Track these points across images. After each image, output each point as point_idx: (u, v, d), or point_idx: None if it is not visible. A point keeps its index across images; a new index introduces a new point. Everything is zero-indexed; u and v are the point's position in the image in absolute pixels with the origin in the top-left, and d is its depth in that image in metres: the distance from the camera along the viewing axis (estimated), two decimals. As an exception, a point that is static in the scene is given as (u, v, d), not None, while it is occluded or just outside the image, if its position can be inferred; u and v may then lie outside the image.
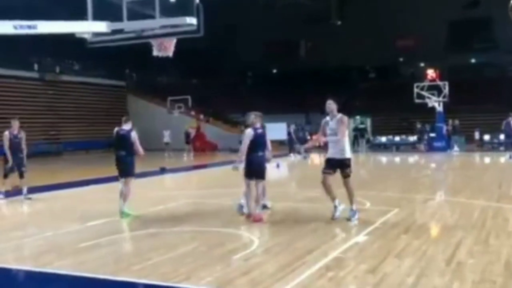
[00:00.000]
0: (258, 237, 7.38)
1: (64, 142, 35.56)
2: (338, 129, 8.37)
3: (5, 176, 12.17)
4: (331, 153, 8.52)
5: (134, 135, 9.52)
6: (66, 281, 5.81)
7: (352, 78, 42.58)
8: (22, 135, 12.33)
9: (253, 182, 8.83)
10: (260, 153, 8.93)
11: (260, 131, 8.96)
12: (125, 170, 9.55)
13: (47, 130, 34.65)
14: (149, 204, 10.88)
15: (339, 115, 8.46)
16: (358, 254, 6.39)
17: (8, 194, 12.18)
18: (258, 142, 8.88)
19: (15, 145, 12.14)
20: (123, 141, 9.53)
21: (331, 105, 8.51)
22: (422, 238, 7.24)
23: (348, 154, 8.48)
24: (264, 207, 9.43)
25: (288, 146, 28.26)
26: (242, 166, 8.96)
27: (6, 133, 12.18)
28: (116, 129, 9.70)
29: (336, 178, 8.53)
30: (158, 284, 5.44)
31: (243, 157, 8.86)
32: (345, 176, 8.46)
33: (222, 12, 29.01)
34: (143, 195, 12.02)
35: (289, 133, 28.45)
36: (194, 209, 10.54)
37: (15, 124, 12.26)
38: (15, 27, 6.82)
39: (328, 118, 8.59)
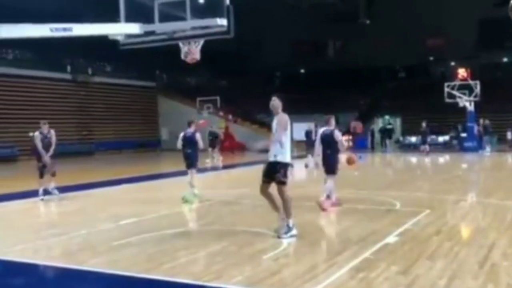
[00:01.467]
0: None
1: (96, 142, 36.21)
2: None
3: (41, 175, 12.53)
4: (268, 155, 7.58)
5: (198, 136, 11.72)
6: (101, 279, 5.93)
7: (381, 77, 42.23)
8: (52, 134, 12.74)
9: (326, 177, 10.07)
10: (327, 151, 10.12)
11: (327, 132, 10.17)
12: (191, 164, 11.67)
13: (79, 130, 35.35)
14: (178, 203, 11.01)
15: (280, 114, 7.52)
16: (388, 255, 6.34)
17: (46, 193, 12.48)
18: (324, 142, 10.17)
19: (45, 145, 12.57)
20: (190, 141, 11.67)
21: (275, 101, 7.57)
22: (454, 239, 7.15)
23: (280, 157, 7.40)
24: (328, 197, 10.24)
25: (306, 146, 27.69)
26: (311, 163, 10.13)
27: (37, 133, 12.64)
28: (182, 132, 11.81)
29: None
30: (190, 283, 5.49)
31: (315, 154, 10.53)
32: (275, 182, 7.43)
33: (249, 14, 29.06)
34: (173, 194, 12.17)
35: (309, 133, 27.65)
36: (224, 208, 10.62)
37: (44, 126, 12.77)
38: (51, 30, 7.01)
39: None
